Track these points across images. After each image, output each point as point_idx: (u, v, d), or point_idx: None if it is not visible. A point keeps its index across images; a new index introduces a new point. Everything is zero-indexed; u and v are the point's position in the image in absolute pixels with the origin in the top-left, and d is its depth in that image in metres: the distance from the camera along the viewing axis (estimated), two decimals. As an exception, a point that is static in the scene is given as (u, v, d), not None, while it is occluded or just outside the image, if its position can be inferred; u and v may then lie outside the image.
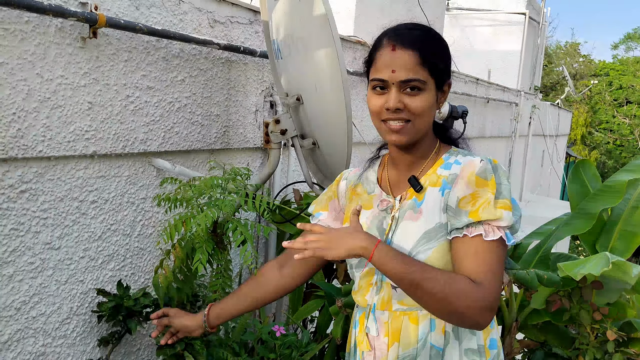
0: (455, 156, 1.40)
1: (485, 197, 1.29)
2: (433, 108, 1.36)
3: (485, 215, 1.27)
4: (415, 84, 1.31)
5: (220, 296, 1.97)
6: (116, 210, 2.00)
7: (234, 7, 2.34)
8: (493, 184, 1.30)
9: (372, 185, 1.51)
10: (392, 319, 1.39)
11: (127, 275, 2.10)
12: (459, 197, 1.31)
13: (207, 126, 2.29)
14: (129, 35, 1.88)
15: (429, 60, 1.31)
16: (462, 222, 1.29)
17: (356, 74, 3.33)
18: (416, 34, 1.35)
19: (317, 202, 1.66)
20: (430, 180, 1.39)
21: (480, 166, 1.32)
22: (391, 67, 1.31)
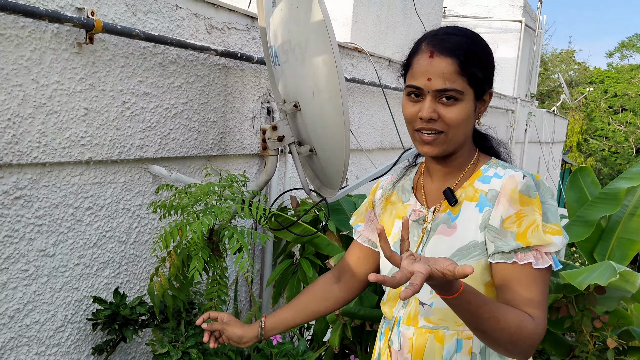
0: (495, 168, 1.32)
1: (532, 218, 1.21)
2: (470, 119, 1.28)
3: (535, 241, 1.20)
4: (452, 94, 1.23)
5: (216, 304, 1.96)
6: (112, 217, 1.98)
7: (232, 13, 2.33)
8: (538, 203, 1.23)
9: (407, 194, 1.45)
10: (417, 336, 1.34)
11: (123, 283, 2.08)
12: (502, 217, 1.23)
13: (204, 132, 2.27)
14: (125, 41, 1.87)
15: (468, 70, 1.23)
16: (509, 245, 1.22)
17: (354, 81, 3.33)
18: (456, 40, 1.26)
19: (356, 214, 1.62)
20: (466, 193, 1.32)
21: (523, 182, 1.23)
22: (427, 75, 1.24)
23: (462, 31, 1.30)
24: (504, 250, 1.22)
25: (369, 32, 4.52)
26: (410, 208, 1.41)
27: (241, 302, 2.74)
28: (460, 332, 1.30)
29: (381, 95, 3.79)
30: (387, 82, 3.89)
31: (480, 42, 1.30)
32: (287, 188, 2.91)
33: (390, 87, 3.88)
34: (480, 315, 1.13)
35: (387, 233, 1.44)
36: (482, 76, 1.26)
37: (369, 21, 4.52)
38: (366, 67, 3.61)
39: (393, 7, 4.89)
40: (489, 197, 1.27)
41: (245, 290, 2.76)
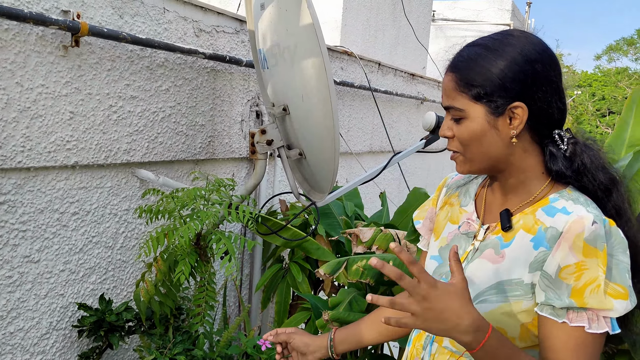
0: (566, 201, 1.14)
1: (594, 274, 1.06)
2: (486, 138, 1.14)
3: (592, 303, 1.05)
4: (454, 113, 1.16)
5: (204, 310, 1.94)
6: (98, 222, 1.96)
7: (220, 16, 2.32)
8: (604, 257, 1.06)
9: (468, 199, 1.33)
10: (439, 355, 1.25)
11: (109, 289, 2.05)
12: (560, 266, 1.08)
13: (192, 136, 2.25)
14: (112, 44, 1.85)
15: (470, 84, 1.13)
16: (562, 301, 1.07)
17: (343, 84, 3.32)
18: (466, 52, 1.17)
19: (420, 208, 1.49)
20: (525, 221, 1.17)
21: (591, 230, 1.06)
22: (443, 92, 1.19)
23: (483, 40, 1.19)
24: (555, 305, 1.08)
25: (358, 35, 4.52)
26: (465, 216, 1.31)
27: (230, 307, 2.72)
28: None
29: (371, 99, 3.78)
30: (376, 85, 3.88)
31: (503, 52, 1.14)
32: (277, 192, 2.90)
33: (380, 90, 3.88)
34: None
35: (437, 234, 1.36)
36: (493, 90, 1.12)
37: (358, 25, 4.52)
38: (356, 71, 3.60)
39: (382, 10, 4.89)
40: (547, 236, 1.12)
41: (235, 295, 2.74)
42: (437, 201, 1.43)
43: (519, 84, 1.12)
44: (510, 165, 1.18)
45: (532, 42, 1.15)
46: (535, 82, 1.13)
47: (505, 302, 1.14)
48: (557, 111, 1.16)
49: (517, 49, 1.14)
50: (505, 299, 1.14)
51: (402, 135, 4.51)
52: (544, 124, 1.16)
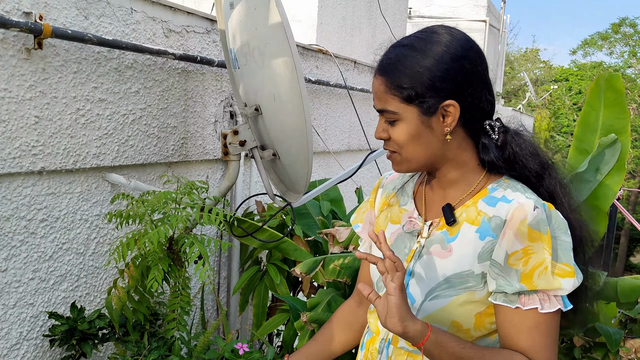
0: (504, 190, 1.18)
1: (540, 257, 1.10)
2: (422, 137, 1.16)
3: (542, 285, 1.09)
4: (387, 116, 1.17)
5: (180, 315, 1.90)
6: (68, 229, 1.91)
7: (190, 16, 2.28)
8: (549, 240, 1.10)
9: (406, 198, 1.34)
10: (396, 355, 1.25)
11: (82, 296, 2.01)
12: (508, 253, 1.12)
13: (164, 138, 2.22)
14: (77, 45, 1.80)
15: (400, 87, 1.14)
16: (513, 287, 1.11)
17: (319, 83, 3.30)
18: (392, 54, 1.18)
19: (357, 212, 1.50)
20: (467, 214, 1.20)
21: (534, 215, 1.10)
22: (374, 96, 1.21)
23: (408, 39, 1.20)
24: (507, 291, 1.12)
25: (334, 33, 4.50)
26: (406, 215, 1.32)
27: (208, 310, 2.69)
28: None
29: (347, 97, 3.77)
30: (353, 83, 3.87)
31: (430, 52, 1.14)
32: (254, 193, 2.87)
33: (356, 88, 3.86)
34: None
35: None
36: (424, 91, 1.13)
37: (334, 23, 4.50)
38: (331, 69, 3.58)
39: (358, 8, 4.88)
40: (492, 225, 1.15)
41: (212, 299, 2.71)
42: (375, 203, 1.44)
43: (449, 82, 1.14)
44: (447, 161, 1.21)
45: (458, 39, 1.17)
46: (464, 79, 1.15)
47: (458, 295, 1.16)
48: (487, 104, 1.19)
49: (443, 47, 1.15)
50: (457, 292, 1.16)
51: (380, 133, 4.49)
52: (476, 118, 1.19)
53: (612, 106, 2.03)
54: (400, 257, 1.27)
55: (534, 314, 1.11)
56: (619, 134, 2.02)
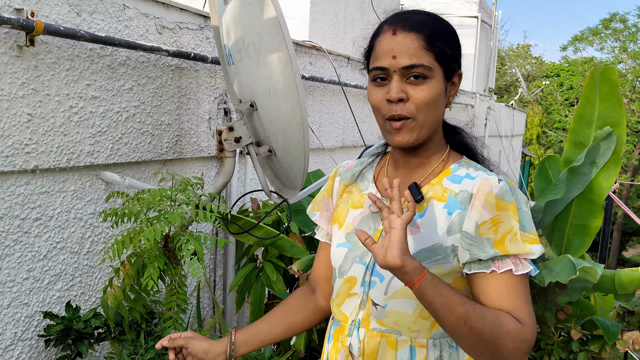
0: (466, 169, 1.23)
1: (509, 225, 1.15)
2: (441, 101, 1.19)
3: (513, 249, 1.14)
4: (420, 71, 1.15)
5: (176, 314, 1.89)
6: (62, 228, 1.89)
7: (183, 12, 2.26)
8: (515, 209, 1.16)
9: (367, 183, 1.34)
10: (369, 338, 1.24)
11: (77, 295, 1.99)
12: (477, 223, 1.15)
13: (158, 136, 2.20)
14: (70, 42, 1.78)
15: (435, 45, 1.16)
16: (487, 253, 1.14)
17: (312, 79, 3.29)
18: (418, 17, 1.20)
19: (313, 202, 1.49)
20: (434, 191, 1.23)
21: (499, 187, 1.16)
22: (392, 53, 1.15)
23: (424, 11, 1.24)
24: (481, 257, 1.15)
25: (327, 30, 4.49)
26: (368, 198, 1.31)
27: (204, 308, 2.67)
28: (413, 339, 1.22)
29: (341, 93, 3.76)
30: (346, 79, 3.86)
31: (443, 21, 1.23)
32: (249, 190, 2.85)
33: (350, 84, 3.86)
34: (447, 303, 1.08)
35: (340, 222, 1.35)
36: (449, 54, 1.19)
37: (326, 19, 4.49)
38: (325, 65, 3.57)
39: (350, 4, 4.87)
40: (460, 199, 1.19)
41: (209, 297, 2.69)
42: (332, 191, 1.44)
43: (459, 52, 1.23)
44: (433, 134, 1.24)
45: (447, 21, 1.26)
46: (461, 55, 1.25)
47: (429, 268, 1.15)
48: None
49: (447, 22, 1.24)
50: (427, 265, 1.17)
51: (374, 129, 4.49)
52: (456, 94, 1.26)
53: (607, 100, 2.03)
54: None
55: (509, 276, 1.15)
56: (615, 126, 2.02)
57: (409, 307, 1.20)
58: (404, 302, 1.20)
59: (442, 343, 1.21)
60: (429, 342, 1.21)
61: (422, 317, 1.20)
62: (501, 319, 1.11)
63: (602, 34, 25.75)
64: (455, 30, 1.24)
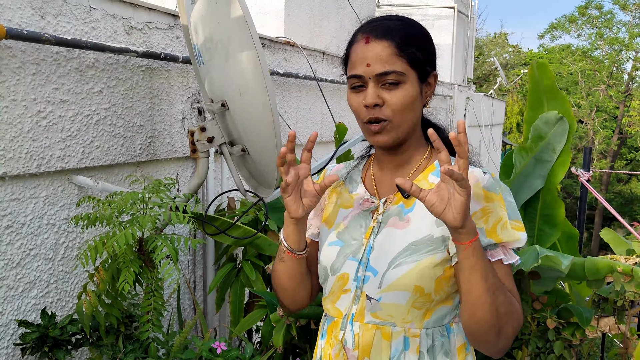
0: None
1: (498, 214, 1.20)
2: (417, 103, 1.24)
3: (505, 237, 1.19)
4: (393, 77, 1.20)
5: (154, 317, 1.88)
6: (35, 234, 1.87)
7: (152, 12, 2.24)
8: (502, 199, 1.22)
9: (355, 185, 1.40)
10: (363, 332, 1.27)
11: (53, 302, 1.97)
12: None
13: (131, 138, 2.18)
14: (35, 46, 1.76)
15: (406, 50, 1.21)
16: (482, 241, 1.19)
17: (288, 75, 3.28)
18: (389, 24, 1.25)
19: None
20: (421, 186, 1.23)
21: (486, 179, 1.21)
22: (366, 61, 1.21)
23: (396, 17, 1.28)
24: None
25: (302, 25, 4.47)
26: (358, 197, 1.37)
27: (185, 310, 2.66)
28: (407, 329, 1.25)
29: (317, 89, 3.75)
30: (322, 74, 3.85)
31: (415, 25, 1.28)
32: (226, 189, 2.84)
33: (326, 79, 3.85)
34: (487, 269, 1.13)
35: (329, 223, 1.39)
36: (422, 57, 1.23)
37: (301, 14, 4.47)
38: (300, 61, 3.56)
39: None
40: None
41: (189, 298, 2.68)
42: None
43: (433, 54, 1.28)
44: (412, 133, 1.29)
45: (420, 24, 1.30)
46: (435, 56, 1.29)
47: (420, 260, 1.22)
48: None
49: (420, 25, 1.29)
50: (419, 257, 1.22)
51: (351, 124, 4.49)
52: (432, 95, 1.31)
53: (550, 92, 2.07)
54: (357, 235, 1.32)
55: (500, 266, 1.20)
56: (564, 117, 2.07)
57: (402, 299, 1.23)
58: (397, 294, 1.23)
59: (434, 332, 1.26)
60: (421, 332, 1.25)
61: (415, 307, 1.24)
62: (512, 298, 1.18)
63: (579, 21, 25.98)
64: (428, 34, 1.29)
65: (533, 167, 2.02)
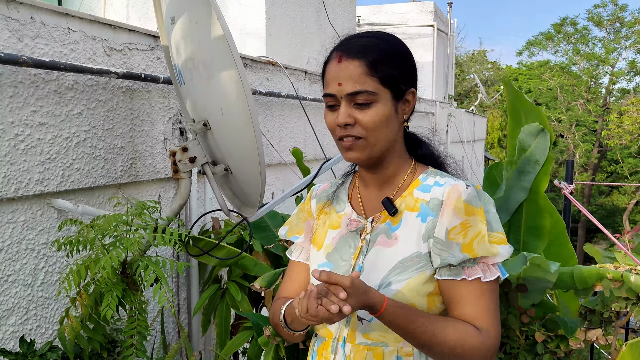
0: (434, 177, 1.28)
1: (477, 229, 1.19)
2: (391, 121, 1.22)
3: (481, 252, 1.19)
4: (364, 97, 1.19)
5: (138, 342, 1.84)
6: (13, 260, 1.83)
7: (132, 33, 2.23)
8: (482, 213, 1.21)
9: (342, 204, 1.38)
10: (355, 353, 1.26)
11: (32, 329, 1.92)
12: (447, 229, 1.20)
13: (112, 160, 2.15)
14: (12, 69, 1.73)
15: (380, 69, 1.19)
16: (456, 257, 1.19)
17: (270, 95, 3.27)
18: (364, 42, 1.23)
19: (289, 224, 1.49)
20: (406, 203, 1.27)
21: (468, 193, 1.20)
22: (338, 80, 1.20)
23: (373, 33, 1.27)
24: (451, 262, 1.19)
25: (284, 45, 4.49)
26: (345, 217, 1.35)
27: (169, 333, 2.62)
28: (399, 348, 1.24)
29: (300, 107, 3.75)
30: (304, 93, 3.86)
31: (393, 41, 1.25)
32: (209, 210, 2.81)
33: (308, 98, 3.85)
34: (414, 330, 1.14)
35: (319, 244, 1.38)
36: (397, 75, 1.22)
37: (283, 34, 4.49)
38: (282, 80, 3.57)
39: (306, 18, 4.88)
40: (431, 206, 1.23)
41: (173, 321, 2.63)
42: (312, 212, 1.47)
43: (411, 71, 1.27)
44: (393, 151, 1.29)
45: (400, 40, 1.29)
46: (415, 71, 1.29)
47: (411, 277, 1.22)
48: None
49: (398, 41, 1.27)
50: (410, 274, 1.22)
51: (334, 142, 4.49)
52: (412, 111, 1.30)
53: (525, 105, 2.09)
54: (346, 256, 1.31)
55: (478, 284, 1.19)
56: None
57: None
58: None
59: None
60: (414, 351, 1.24)
61: None
62: (463, 336, 1.16)
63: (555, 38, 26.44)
64: (406, 50, 1.27)
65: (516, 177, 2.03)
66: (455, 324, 1.18)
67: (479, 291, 1.19)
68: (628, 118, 21.75)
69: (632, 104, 21.94)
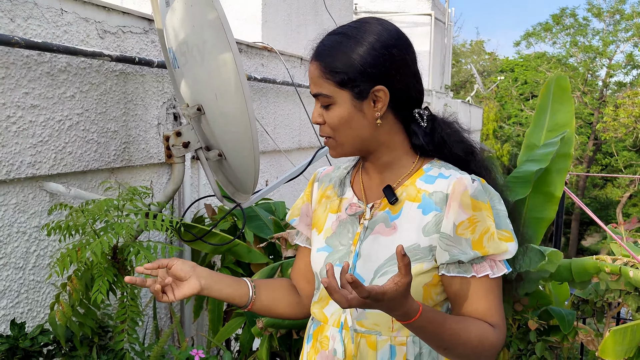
0: (439, 168, 1.26)
1: (485, 225, 1.18)
2: (354, 121, 1.21)
3: (492, 249, 1.17)
4: (322, 99, 1.21)
5: (129, 327, 1.83)
6: (4, 243, 1.82)
7: (126, 16, 2.20)
8: (489, 208, 1.19)
9: (344, 188, 1.38)
10: (349, 339, 1.26)
11: (24, 312, 1.91)
12: (455, 224, 1.18)
13: (104, 144, 2.13)
14: (4, 49, 1.71)
15: (335, 71, 1.18)
16: (467, 254, 1.17)
17: (265, 81, 3.25)
18: (328, 41, 1.22)
19: (293, 207, 1.51)
20: (407, 192, 1.25)
21: (474, 187, 1.19)
22: (309, 81, 1.25)
23: (342, 28, 1.24)
24: (462, 259, 1.18)
25: (279, 31, 4.45)
26: (346, 202, 1.35)
27: (162, 319, 2.61)
28: (393, 338, 1.24)
29: (295, 94, 3.73)
30: (300, 80, 3.84)
31: (363, 39, 1.20)
32: (202, 195, 2.80)
33: (304, 85, 3.83)
34: (442, 333, 1.12)
35: (319, 227, 1.38)
36: (356, 76, 1.18)
37: (279, 20, 4.45)
38: (277, 67, 3.54)
39: (303, 5, 4.85)
40: (435, 200, 1.21)
41: (165, 307, 2.63)
42: (311, 196, 1.46)
43: (379, 68, 1.20)
44: (380, 144, 1.26)
45: (388, 29, 1.24)
46: (393, 66, 1.22)
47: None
48: (415, 91, 1.26)
49: (374, 35, 1.22)
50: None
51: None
52: (404, 104, 1.25)
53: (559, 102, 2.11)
54: (345, 241, 1.30)
55: (486, 280, 1.19)
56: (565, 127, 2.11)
57: None
58: None
59: (421, 340, 1.22)
60: (408, 340, 1.23)
61: None
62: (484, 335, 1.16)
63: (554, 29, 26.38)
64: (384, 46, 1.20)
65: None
66: (475, 322, 1.18)
67: (488, 288, 1.19)
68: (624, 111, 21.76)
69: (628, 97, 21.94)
